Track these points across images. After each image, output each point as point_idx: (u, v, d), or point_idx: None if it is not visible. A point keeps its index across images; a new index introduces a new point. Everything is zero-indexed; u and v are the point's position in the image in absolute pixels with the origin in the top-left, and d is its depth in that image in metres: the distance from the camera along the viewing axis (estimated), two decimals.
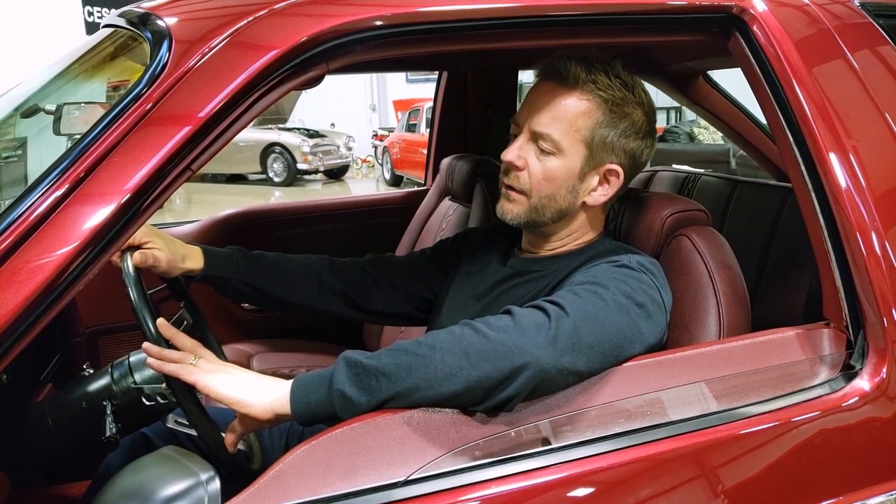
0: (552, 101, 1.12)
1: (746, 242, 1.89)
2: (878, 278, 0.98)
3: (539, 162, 1.13)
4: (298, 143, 12.31)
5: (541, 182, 1.13)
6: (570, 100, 1.12)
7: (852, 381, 0.97)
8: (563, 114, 1.12)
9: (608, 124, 1.12)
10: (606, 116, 1.12)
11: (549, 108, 1.12)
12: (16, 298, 0.75)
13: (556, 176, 1.13)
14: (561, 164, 1.12)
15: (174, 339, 1.01)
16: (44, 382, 1.55)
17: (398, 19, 0.94)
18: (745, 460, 0.93)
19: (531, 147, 1.14)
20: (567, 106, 1.12)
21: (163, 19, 0.95)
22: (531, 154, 1.14)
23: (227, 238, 2.26)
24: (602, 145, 1.13)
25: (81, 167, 0.81)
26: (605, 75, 1.12)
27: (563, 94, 1.12)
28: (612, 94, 1.12)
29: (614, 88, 1.12)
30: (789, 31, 1.07)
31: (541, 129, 1.12)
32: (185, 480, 0.71)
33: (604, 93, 1.11)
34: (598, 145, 1.13)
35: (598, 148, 1.13)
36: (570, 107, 1.12)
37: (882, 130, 1.07)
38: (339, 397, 0.89)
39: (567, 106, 1.12)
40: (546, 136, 1.12)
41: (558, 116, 1.12)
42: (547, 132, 1.11)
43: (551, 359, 0.88)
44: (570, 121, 1.11)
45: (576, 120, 1.11)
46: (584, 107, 1.11)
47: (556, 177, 1.13)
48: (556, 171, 1.13)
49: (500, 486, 0.83)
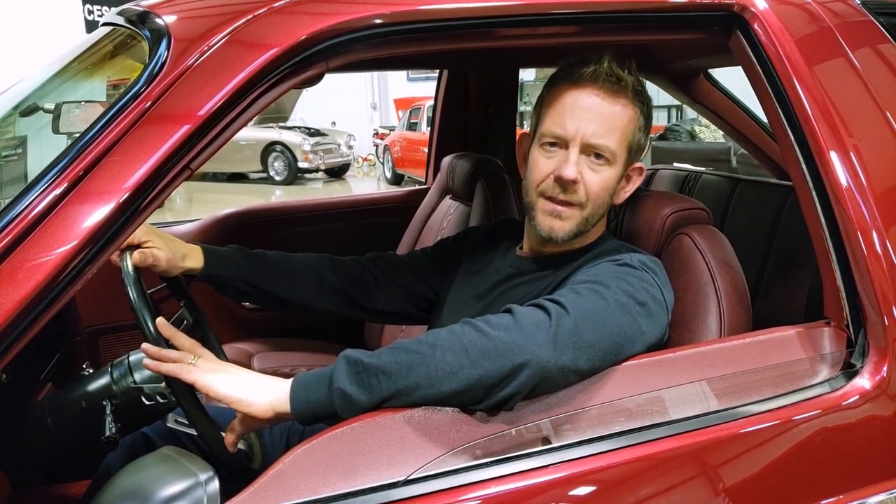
0: (605, 111, 1.10)
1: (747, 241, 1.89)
2: (878, 277, 0.98)
3: (595, 174, 1.11)
4: (299, 141, 12.31)
5: (599, 193, 1.12)
6: (619, 107, 1.11)
7: (853, 380, 0.97)
8: (616, 123, 1.10)
9: (643, 128, 1.14)
10: (644, 120, 1.14)
11: (603, 119, 1.10)
12: (15, 297, 0.75)
13: (611, 185, 1.13)
14: (614, 172, 1.13)
15: (173, 339, 1.01)
16: (43, 382, 1.55)
17: (398, 18, 0.93)
18: (745, 459, 0.92)
19: (583, 159, 1.11)
20: (619, 114, 1.11)
21: (161, 17, 0.94)
22: (584, 167, 1.11)
23: (227, 237, 2.26)
24: (637, 148, 1.15)
25: (80, 166, 0.81)
26: (634, 78, 1.12)
27: (613, 103, 1.11)
28: (646, 98, 1.14)
29: (644, 92, 1.14)
30: (790, 29, 1.07)
31: (598, 142, 1.10)
32: (184, 481, 0.71)
33: (642, 97, 1.13)
34: (635, 148, 1.14)
35: (634, 151, 1.15)
36: (622, 115, 1.11)
37: (883, 129, 1.06)
38: (340, 396, 0.89)
39: (619, 114, 1.11)
40: (604, 147, 1.10)
41: (613, 126, 1.10)
42: (605, 143, 1.10)
43: (552, 357, 0.88)
44: (622, 129, 1.11)
45: (626, 127, 1.12)
46: (631, 114, 1.12)
47: (611, 186, 1.13)
48: (611, 180, 1.13)
49: (501, 485, 0.83)
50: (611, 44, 1.19)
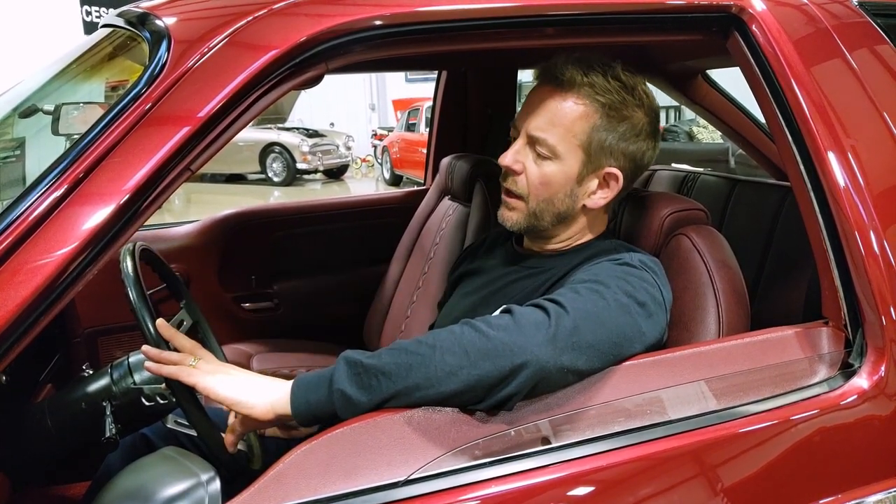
0: (549, 105, 1.11)
1: (746, 241, 1.89)
2: (876, 277, 0.98)
3: (536, 166, 1.13)
4: (298, 142, 12.30)
5: (538, 186, 1.13)
6: (566, 104, 1.11)
7: (851, 380, 0.97)
8: (559, 118, 1.11)
9: (606, 128, 1.11)
10: (604, 120, 1.11)
11: (546, 113, 1.11)
12: (15, 299, 0.75)
13: (554, 181, 1.12)
14: (558, 168, 1.12)
15: (173, 340, 1.01)
16: (43, 383, 1.56)
17: (397, 19, 0.94)
18: (744, 459, 0.93)
19: (529, 151, 1.13)
20: (564, 110, 1.11)
21: (161, 19, 0.95)
22: (529, 158, 1.13)
23: (226, 238, 2.26)
24: (600, 149, 1.12)
25: (80, 167, 0.81)
26: (602, 78, 1.11)
27: (560, 98, 1.11)
28: (609, 98, 1.10)
29: (612, 91, 1.10)
30: (788, 30, 1.07)
31: (537, 134, 1.11)
32: (186, 481, 0.71)
33: (601, 96, 1.10)
34: (595, 149, 1.12)
35: (595, 152, 1.12)
36: (567, 111, 1.11)
37: (880, 129, 1.07)
38: (340, 397, 0.89)
39: (564, 110, 1.11)
40: (543, 140, 1.11)
41: (555, 121, 1.11)
42: (543, 137, 1.11)
43: (551, 357, 0.88)
44: (566, 126, 1.10)
45: (572, 125, 1.10)
46: (581, 111, 1.10)
47: (554, 181, 1.12)
48: (553, 175, 1.12)
49: (501, 485, 0.83)
50: (609, 45, 1.19)
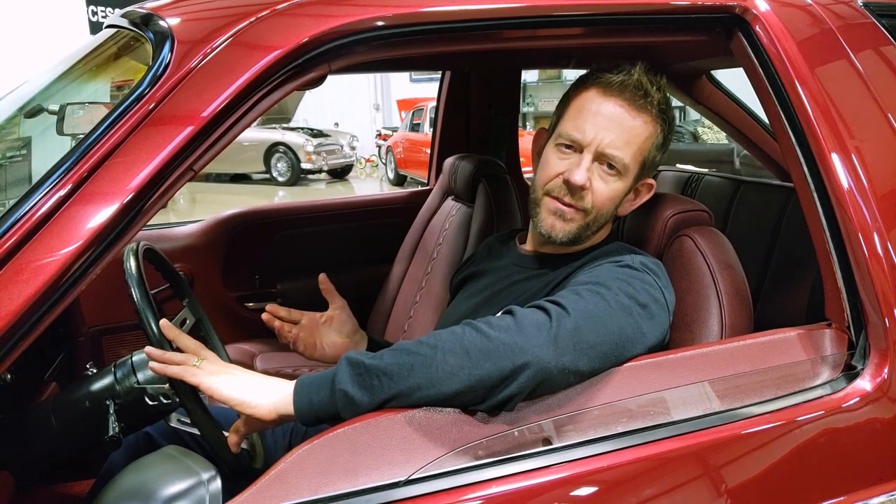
0: (625, 123, 1.09)
1: (750, 242, 1.89)
2: (879, 279, 0.98)
3: (604, 183, 1.11)
4: (302, 142, 12.31)
5: (605, 202, 1.12)
6: (640, 122, 1.10)
7: (854, 382, 0.97)
8: (635, 137, 1.09)
9: (660, 146, 1.13)
10: (661, 138, 1.13)
11: (622, 131, 1.09)
12: (19, 298, 0.76)
13: (619, 196, 1.13)
14: (623, 184, 1.12)
15: (177, 340, 1.02)
16: (48, 382, 1.56)
17: (400, 20, 0.94)
18: (746, 460, 0.93)
19: (595, 166, 1.10)
20: (639, 129, 1.10)
21: (165, 20, 0.95)
22: (595, 175, 1.10)
23: (230, 238, 2.27)
24: (651, 164, 1.14)
25: (84, 167, 0.82)
26: (662, 94, 1.11)
27: (636, 116, 1.09)
28: (669, 117, 1.12)
29: (669, 110, 1.12)
30: (792, 31, 1.07)
31: (613, 153, 1.09)
32: (187, 480, 0.72)
33: (664, 116, 1.11)
34: (648, 164, 1.14)
35: (647, 167, 1.14)
36: (642, 131, 1.10)
37: (885, 131, 1.06)
38: (342, 397, 0.89)
39: (639, 129, 1.10)
40: (618, 159, 1.09)
41: (631, 140, 1.09)
42: (619, 155, 1.09)
43: (552, 358, 0.88)
44: (639, 144, 1.10)
45: (643, 143, 1.11)
46: (651, 130, 1.11)
47: (618, 197, 1.13)
48: (620, 191, 1.12)
49: (502, 485, 0.83)
50: (613, 45, 1.19)
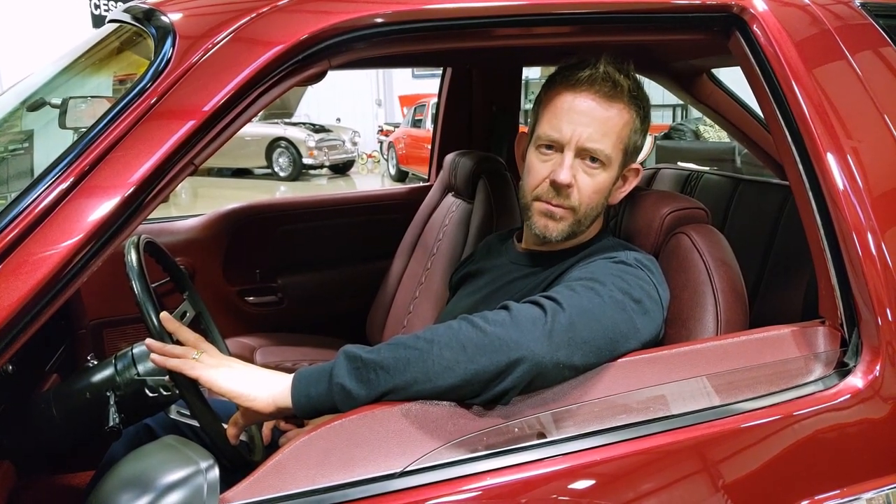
0: (598, 115, 1.11)
1: (748, 241, 1.90)
2: (873, 277, 0.98)
3: (589, 177, 1.12)
4: (304, 137, 12.31)
5: (591, 196, 1.13)
6: (613, 111, 1.11)
7: (846, 379, 0.98)
8: (611, 128, 1.11)
9: (639, 130, 1.14)
10: (639, 122, 1.14)
11: (597, 123, 1.10)
12: (21, 289, 0.77)
13: (604, 188, 1.14)
14: (608, 175, 1.13)
15: (177, 333, 1.02)
16: (49, 373, 1.57)
17: (399, 17, 0.95)
18: (739, 455, 0.94)
19: (578, 163, 1.12)
20: (614, 119, 1.11)
21: (167, 15, 0.96)
22: (579, 171, 1.12)
23: (231, 232, 2.28)
24: (634, 150, 1.15)
25: (86, 160, 0.82)
26: (631, 80, 1.12)
27: (607, 106, 1.11)
28: (642, 100, 1.13)
29: (640, 93, 1.13)
30: (789, 31, 1.07)
31: (591, 146, 1.10)
32: (185, 468, 0.72)
33: (638, 100, 1.13)
34: (631, 151, 1.15)
35: (630, 153, 1.15)
36: (617, 119, 1.11)
37: (881, 131, 1.07)
38: (340, 391, 0.90)
39: (614, 119, 1.11)
40: (598, 151, 1.11)
41: (607, 131, 1.11)
42: (599, 148, 1.10)
43: (547, 352, 0.89)
44: (617, 133, 1.12)
45: (621, 132, 1.12)
46: (627, 117, 1.12)
47: (604, 188, 1.14)
48: (605, 183, 1.14)
49: (497, 477, 0.84)
50: (612, 44, 1.20)
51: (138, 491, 0.71)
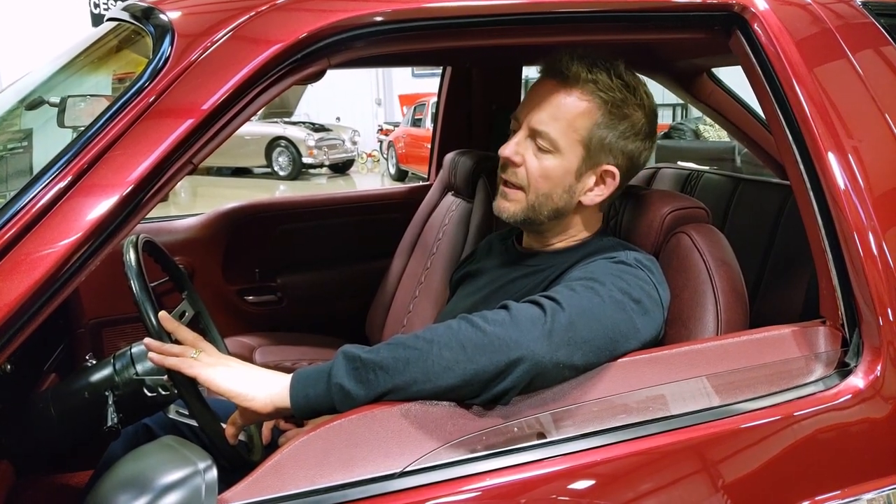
0: (552, 100, 1.12)
1: (748, 240, 1.89)
2: (874, 277, 0.98)
3: (536, 159, 1.13)
4: (304, 136, 12.31)
5: (537, 179, 1.13)
6: (569, 99, 1.11)
7: (847, 379, 0.97)
8: (562, 113, 1.11)
9: (607, 125, 1.12)
10: (605, 118, 1.11)
11: (549, 107, 1.12)
12: (19, 288, 0.76)
13: (553, 174, 1.13)
14: (558, 162, 1.12)
15: (176, 332, 1.02)
16: (48, 372, 1.57)
17: (399, 15, 0.94)
18: (740, 455, 0.93)
19: (529, 144, 1.13)
20: (566, 105, 1.11)
21: (165, 13, 0.95)
22: (529, 151, 1.13)
23: (230, 232, 2.28)
24: (600, 146, 1.12)
25: (84, 159, 0.82)
26: (606, 75, 1.11)
27: (564, 93, 1.11)
28: (612, 95, 1.11)
29: (615, 89, 1.11)
30: (790, 29, 1.07)
31: (539, 127, 1.12)
32: (183, 469, 0.72)
33: (604, 93, 1.11)
34: (595, 146, 1.12)
35: (595, 149, 1.12)
36: (570, 106, 1.11)
37: (882, 131, 1.07)
38: (338, 391, 0.90)
39: (566, 105, 1.11)
40: (544, 133, 1.11)
41: (557, 115, 1.11)
42: (545, 130, 1.11)
43: (546, 352, 0.89)
44: (568, 120, 1.11)
45: (574, 120, 1.11)
46: (584, 107, 1.11)
47: (553, 175, 1.13)
48: (553, 169, 1.12)
49: (496, 478, 0.84)
50: (612, 43, 1.19)
51: (136, 491, 0.71)
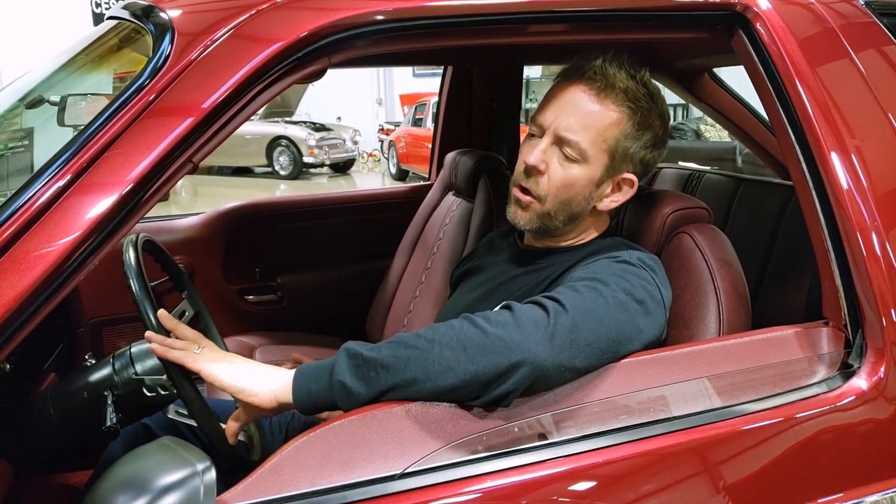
0: (582, 107, 1.09)
1: (750, 240, 1.89)
2: (877, 278, 0.98)
3: (562, 168, 1.10)
4: (304, 136, 12.31)
5: (560, 188, 1.11)
6: (601, 107, 1.09)
7: (850, 380, 0.97)
8: (593, 122, 1.09)
9: (633, 136, 1.11)
10: (633, 128, 1.10)
11: (579, 114, 1.09)
12: (18, 287, 0.76)
13: (577, 184, 1.11)
14: (583, 172, 1.11)
15: (175, 331, 1.02)
16: (47, 372, 1.57)
17: (399, 14, 0.94)
18: (742, 457, 0.93)
19: (554, 151, 1.11)
20: (598, 114, 1.09)
21: (165, 12, 0.95)
22: (553, 159, 1.11)
23: (231, 231, 2.27)
24: (623, 155, 1.12)
25: (84, 157, 0.82)
26: (635, 84, 1.10)
27: (594, 100, 1.09)
28: (640, 106, 1.10)
29: (642, 99, 1.10)
30: (793, 29, 1.07)
31: (569, 136, 1.09)
32: (181, 470, 0.72)
33: (633, 104, 1.09)
34: (620, 155, 1.11)
35: (619, 158, 1.12)
36: (602, 116, 1.09)
37: (885, 130, 1.06)
38: (340, 388, 0.90)
39: (598, 114, 1.09)
40: (573, 143, 1.09)
41: (588, 124, 1.09)
42: (575, 139, 1.09)
43: (549, 355, 0.88)
44: (598, 130, 1.09)
45: (605, 130, 1.09)
46: (615, 117, 1.09)
47: (576, 184, 1.11)
48: (578, 179, 1.11)
49: (497, 479, 0.84)
50: (614, 42, 1.19)
51: (134, 492, 0.70)
